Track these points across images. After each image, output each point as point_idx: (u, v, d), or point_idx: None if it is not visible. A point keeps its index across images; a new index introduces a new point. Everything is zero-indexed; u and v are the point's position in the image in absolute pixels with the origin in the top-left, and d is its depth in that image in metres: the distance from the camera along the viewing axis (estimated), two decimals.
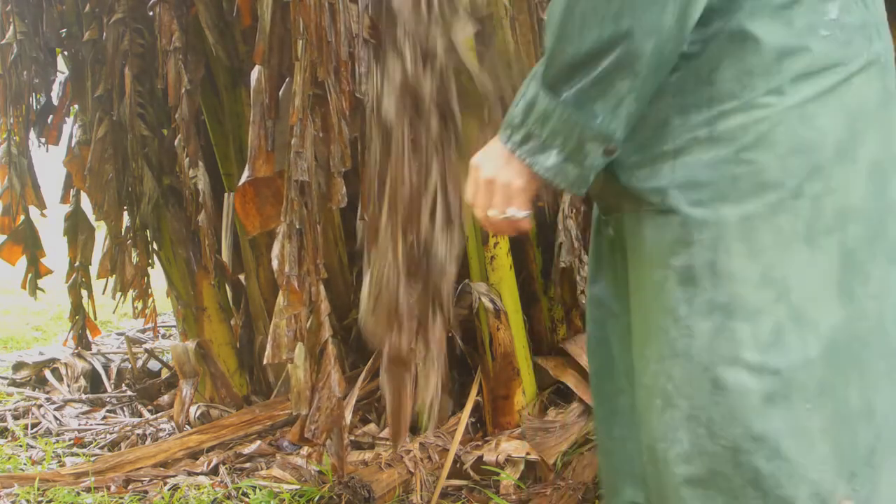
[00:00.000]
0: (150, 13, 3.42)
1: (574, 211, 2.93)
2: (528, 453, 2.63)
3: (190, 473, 2.87)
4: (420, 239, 1.64)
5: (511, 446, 2.69)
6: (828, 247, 1.04)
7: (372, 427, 3.07)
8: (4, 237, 4.20)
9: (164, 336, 5.52)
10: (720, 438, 1.04)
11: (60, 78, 4.15)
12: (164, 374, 4.43)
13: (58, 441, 3.54)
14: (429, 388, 1.73)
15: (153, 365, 4.58)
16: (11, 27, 3.80)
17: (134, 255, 3.92)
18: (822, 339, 1.04)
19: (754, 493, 1.04)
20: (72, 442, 3.54)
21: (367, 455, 2.79)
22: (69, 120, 4.23)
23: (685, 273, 1.06)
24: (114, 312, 5.13)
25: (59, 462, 3.26)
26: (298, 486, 2.66)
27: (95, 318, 4.54)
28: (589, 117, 1.03)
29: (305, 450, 2.91)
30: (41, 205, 4.19)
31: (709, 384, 1.05)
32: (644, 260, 1.12)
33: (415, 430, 3.06)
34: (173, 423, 3.50)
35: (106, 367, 4.46)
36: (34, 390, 4.31)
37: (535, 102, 1.07)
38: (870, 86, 1.08)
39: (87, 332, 4.53)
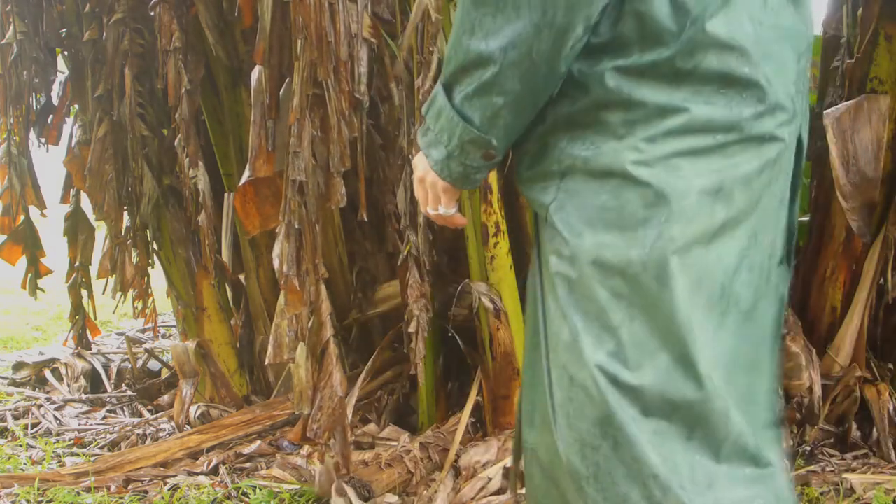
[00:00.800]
0: (151, 13, 3.42)
1: None
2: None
3: (190, 473, 2.87)
4: None
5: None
6: (674, 287, 1.12)
7: (372, 427, 3.07)
8: (4, 237, 4.20)
9: (164, 336, 5.52)
10: (574, 430, 1.16)
11: (60, 78, 4.15)
12: (164, 374, 4.43)
13: (58, 441, 3.54)
14: None
15: (153, 365, 4.58)
16: (11, 27, 3.80)
17: (134, 255, 3.92)
18: (661, 366, 1.12)
19: (595, 486, 1.14)
20: (72, 442, 3.54)
21: (367, 455, 2.79)
22: (69, 120, 4.23)
23: (561, 280, 1.18)
24: (114, 312, 5.13)
25: (59, 462, 3.26)
26: (298, 486, 2.66)
27: (95, 318, 4.54)
28: (469, 122, 1.16)
29: (305, 449, 2.91)
30: (41, 205, 4.19)
31: (567, 380, 1.17)
32: (543, 257, 1.26)
33: (415, 430, 3.07)
34: (173, 423, 3.50)
35: (106, 367, 4.46)
36: (34, 390, 4.31)
37: (434, 99, 1.19)
38: (746, 157, 1.14)
39: (87, 332, 4.53)
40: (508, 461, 2.57)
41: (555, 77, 1.12)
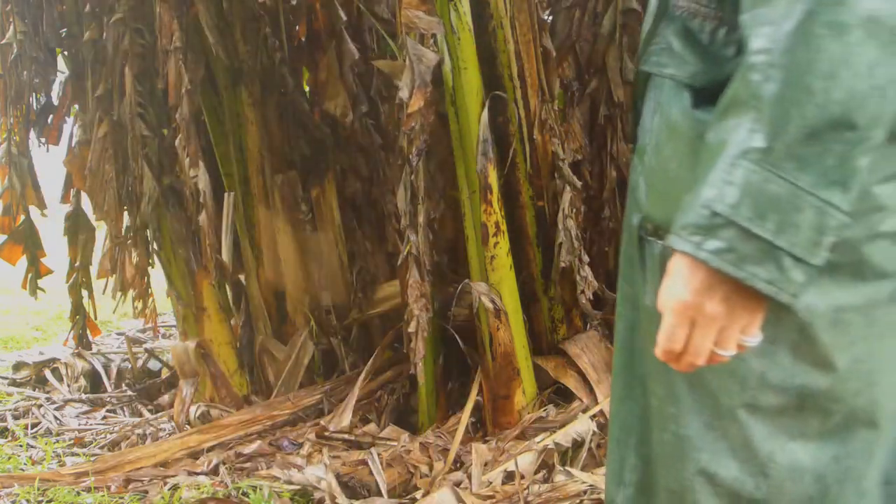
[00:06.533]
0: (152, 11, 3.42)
1: (574, 211, 2.93)
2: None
3: (190, 473, 2.87)
4: None
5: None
6: None
7: (372, 427, 3.06)
8: (5, 237, 4.20)
9: (164, 336, 5.52)
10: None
11: (60, 78, 4.15)
12: (164, 374, 4.43)
13: (58, 441, 3.54)
14: None
15: (153, 365, 4.58)
16: (11, 27, 3.80)
17: (134, 255, 3.92)
18: (886, 425, 1.01)
19: None
20: (72, 442, 3.54)
21: (367, 455, 2.79)
22: (69, 120, 4.23)
23: (765, 345, 0.95)
24: (114, 312, 5.13)
25: (59, 462, 3.26)
26: (298, 486, 2.66)
27: (95, 318, 4.54)
28: (831, 203, 0.84)
29: (305, 449, 2.91)
30: (41, 205, 4.19)
31: (764, 456, 1.00)
32: None
33: (415, 430, 3.07)
34: (173, 423, 3.50)
35: (106, 367, 4.46)
36: (34, 390, 4.31)
37: (752, 187, 0.83)
38: None
39: (88, 331, 4.53)
40: (510, 464, 2.58)
41: None
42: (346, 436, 2.98)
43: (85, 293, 4.33)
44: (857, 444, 1.00)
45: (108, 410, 3.99)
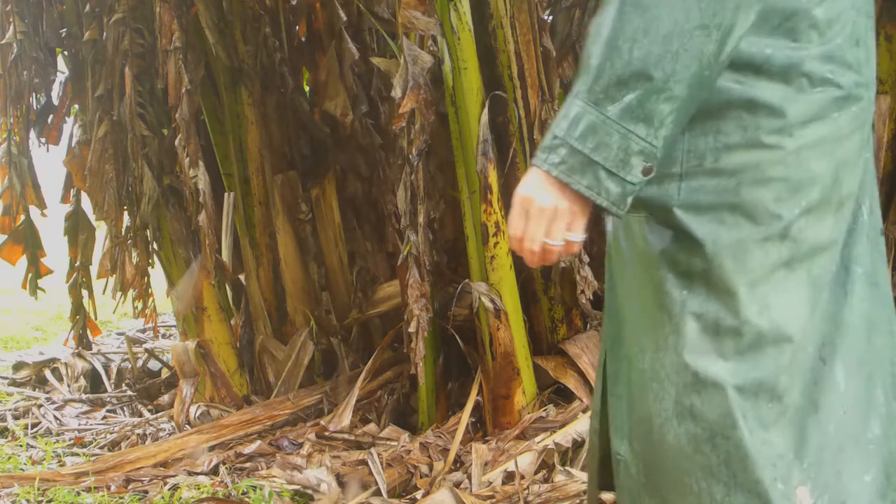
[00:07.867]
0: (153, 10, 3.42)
1: None
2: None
3: (190, 473, 2.87)
4: None
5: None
6: (800, 272, 1.20)
7: (372, 427, 3.07)
8: (5, 237, 4.20)
9: (164, 336, 5.52)
10: (701, 422, 1.19)
11: (60, 78, 4.15)
12: (164, 373, 4.43)
13: (58, 441, 3.54)
14: None
15: (153, 365, 4.58)
16: (11, 27, 3.80)
17: (134, 255, 3.92)
18: (794, 347, 1.20)
19: (726, 472, 1.19)
20: (72, 442, 3.54)
21: (367, 455, 2.79)
22: (69, 120, 4.23)
23: (683, 279, 1.20)
24: (114, 312, 5.13)
25: (59, 462, 3.26)
26: (299, 487, 2.66)
27: (96, 318, 4.54)
28: (634, 132, 1.10)
29: (305, 449, 2.91)
30: (41, 205, 4.19)
31: (691, 376, 1.19)
32: (643, 258, 1.24)
33: (415, 430, 3.07)
34: (173, 423, 3.50)
35: (106, 367, 4.46)
36: (34, 390, 4.31)
37: (580, 118, 1.11)
38: (853, 138, 1.22)
39: (88, 331, 4.53)
40: (510, 465, 2.58)
41: (713, 80, 1.13)
42: (346, 436, 2.98)
43: (85, 293, 4.33)
44: (767, 360, 1.19)
45: (108, 410, 3.99)
